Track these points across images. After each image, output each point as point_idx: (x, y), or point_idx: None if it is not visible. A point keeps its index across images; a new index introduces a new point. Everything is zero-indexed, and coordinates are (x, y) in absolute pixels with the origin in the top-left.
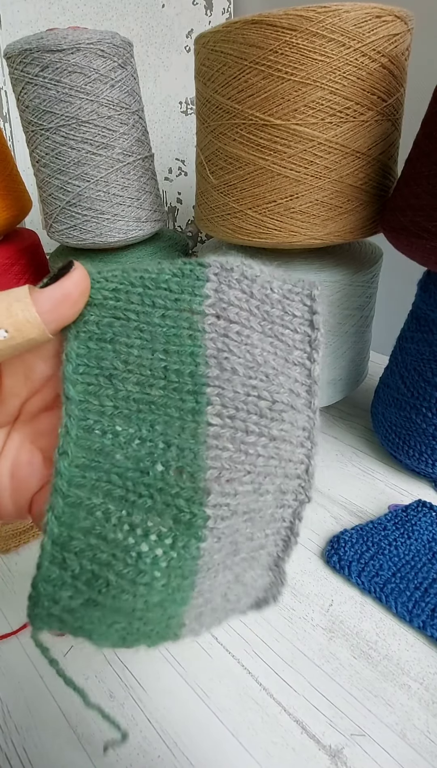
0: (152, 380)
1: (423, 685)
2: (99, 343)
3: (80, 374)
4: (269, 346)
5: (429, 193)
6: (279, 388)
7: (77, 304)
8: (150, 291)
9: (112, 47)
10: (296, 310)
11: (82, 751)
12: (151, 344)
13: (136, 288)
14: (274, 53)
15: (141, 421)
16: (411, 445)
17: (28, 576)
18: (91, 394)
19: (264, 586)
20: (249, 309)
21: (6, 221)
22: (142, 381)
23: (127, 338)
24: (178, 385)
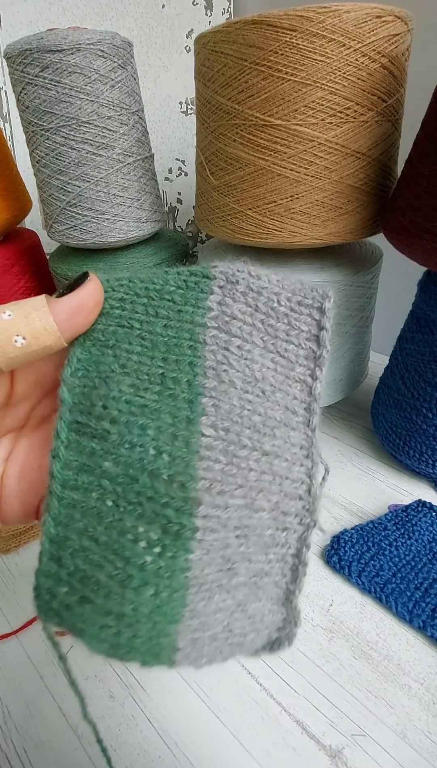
0: (148, 384)
1: (423, 686)
2: (101, 348)
3: (78, 378)
4: (270, 362)
5: (429, 194)
6: (275, 404)
7: (92, 314)
8: (154, 302)
9: (112, 48)
10: (303, 324)
11: (82, 751)
12: (151, 351)
13: (140, 298)
14: (274, 54)
15: (132, 425)
16: (411, 446)
17: (28, 576)
18: (84, 396)
19: (276, 623)
20: (253, 323)
21: (6, 221)
22: (136, 384)
23: (128, 344)
24: (173, 391)
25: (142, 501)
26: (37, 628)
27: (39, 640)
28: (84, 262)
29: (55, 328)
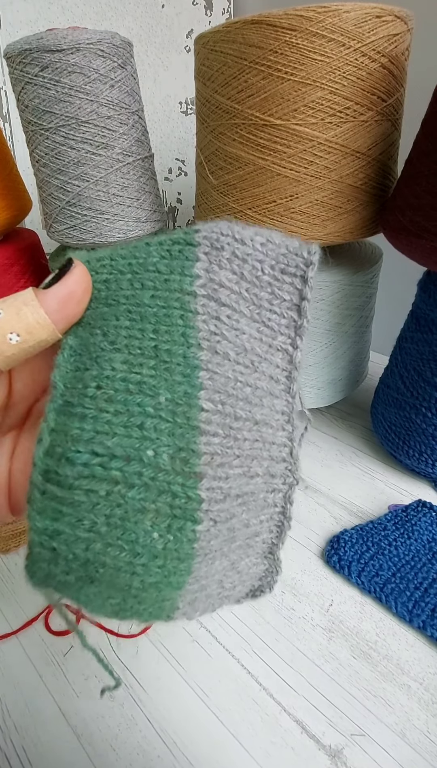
0: (142, 359)
1: (423, 685)
2: (90, 330)
3: (70, 362)
4: (256, 332)
5: (429, 193)
6: (261, 375)
7: (82, 301)
8: (139, 275)
9: (112, 47)
10: (285, 293)
11: (82, 751)
12: (141, 324)
13: (125, 275)
14: (274, 53)
15: (130, 403)
16: (411, 445)
17: None
18: (77, 379)
19: (259, 574)
20: (240, 292)
21: (6, 221)
22: (130, 360)
23: (116, 321)
24: (169, 365)
25: (145, 481)
26: (37, 628)
27: (39, 640)
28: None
29: (48, 321)
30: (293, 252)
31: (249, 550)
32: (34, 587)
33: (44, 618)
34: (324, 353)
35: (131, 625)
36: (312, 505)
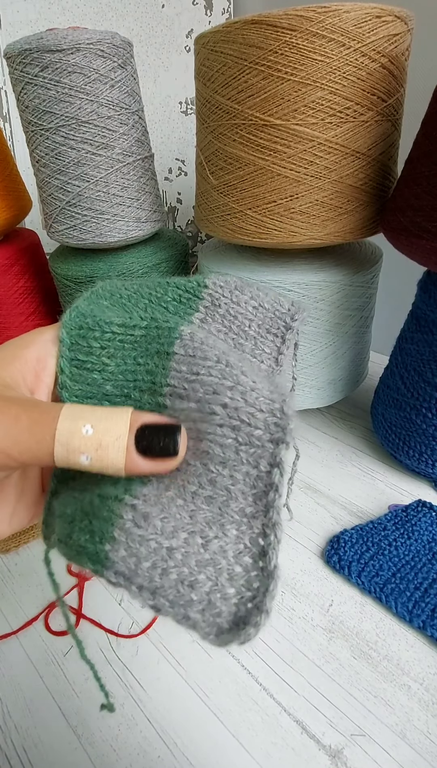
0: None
1: (423, 686)
2: (99, 305)
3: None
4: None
5: (429, 194)
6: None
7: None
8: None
9: (112, 47)
10: (266, 347)
11: (82, 751)
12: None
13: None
14: (274, 53)
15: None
16: (411, 446)
17: (28, 576)
18: (82, 337)
19: (245, 591)
20: (225, 341)
21: (6, 221)
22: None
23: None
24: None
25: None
26: (37, 628)
27: (39, 640)
28: (84, 262)
29: (123, 470)
30: (279, 317)
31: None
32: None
33: (44, 618)
34: (324, 353)
35: (131, 625)
36: (312, 505)
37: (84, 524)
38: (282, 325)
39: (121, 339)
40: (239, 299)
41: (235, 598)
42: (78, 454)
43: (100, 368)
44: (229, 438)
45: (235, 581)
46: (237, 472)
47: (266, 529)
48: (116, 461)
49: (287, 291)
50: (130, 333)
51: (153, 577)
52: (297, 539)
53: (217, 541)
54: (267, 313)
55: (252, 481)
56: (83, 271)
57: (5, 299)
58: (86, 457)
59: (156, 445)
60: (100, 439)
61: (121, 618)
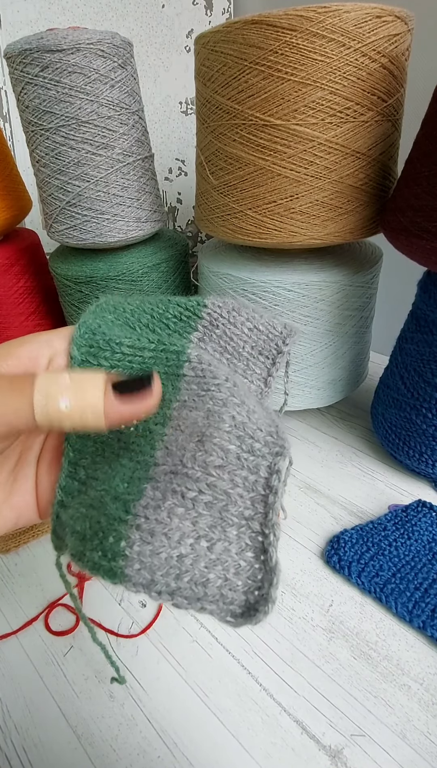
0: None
1: (423, 686)
2: (107, 324)
3: (85, 339)
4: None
5: (429, 194)
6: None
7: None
8: (154, 320)
9: (112, 47)
10: (257, 368)
11: (82, 751)
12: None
13: (145, 314)
14: (274, 53)
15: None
16: (411, 446)
17: (28, 576)
18: (92, 355)
19: (252, 582)
20: (220, 359)
21: (6, 221)
22: (136, 344)
23: (130, 328)
24: (165, 355)
25: (139, 425)
26: (37, 628)
27: (39, 640)
28: (84, 262)
29: (102, 415)
30: (271, 339)
31: (227, 529)
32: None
33: (44, 618)
34: (324, 353)
35: (131, 625)
36: (312, 505)
37: (95, 543)
38: (274, 347)
39: (130, 359)
40: (236, 320)
41: (244, 588)
42: (56, 400)
43: None
44: (233, 444)
45: (242, 574)
46: (237, 476)
47: (265, 529)
48: (94, 403)
49: (287, 291)
50: (139, 354)
51: (169, 583)
52: (297, 539)
53: (220, 543)
54: (261, 335)
55: (250, 485)
56: (83, 271)
57: (5, 299)
58: (65, 403)
59: (132, 383)
60: (78, 384)
61: (121, 618)
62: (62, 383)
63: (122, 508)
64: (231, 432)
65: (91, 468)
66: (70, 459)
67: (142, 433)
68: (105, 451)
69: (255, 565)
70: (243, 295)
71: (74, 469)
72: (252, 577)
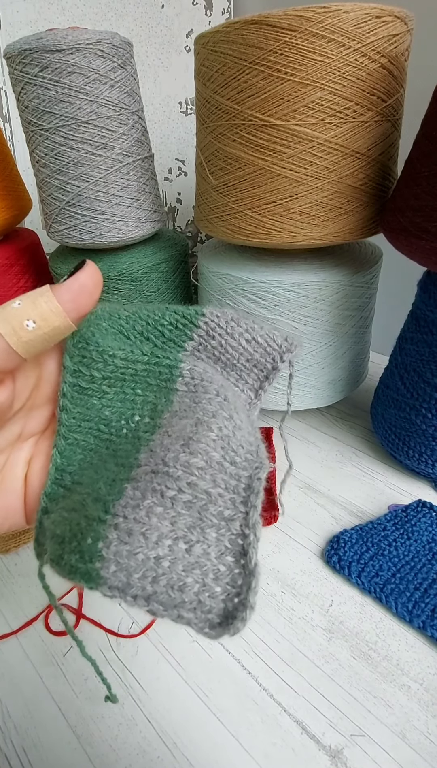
0: (139, 357)
1: (423, 686)
2: (101, 333)
3: (78, 349)
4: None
5: (429, 194)
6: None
7: (93, 294)
8: (149, 327)
9: (112, 47)
10: (249, 379)
11: (82, 752)
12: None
13: (141, 321)
14: (274, 54)
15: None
16: (411, 446)
17: (28, 576)
18: (85, 365)
19: (230, 588)
20: (213, 368)
21: (6, 221)
22: (129, 357)
23: (125, 338)
24: (157, 368)
25: (129, 433)
26: (37, 628)
27: (39, 640)
28: None
29: (61, 309)
30: (269, 353)
31: (206, 530)
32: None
33: (44, 618)
34: (324, 353)
35: (131, 625)
36: (312, 505)
37: (73, 545)
38: (270, 362)
39: (122, 372)
40: (233, 331)
41: (222, 596)
42: (21, 324)
43: (99, 395)
44: (217, 452)
45: (221, 580)
46: (218, 478)
47: (245, 530)
48: (50, 305)
49: (287, 291)
50: (131, 366)
51: (145, 586)
52: (297, 539)
53: (199, 545)
54: (259, 348)
55: (232, 487)
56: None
57: (5, 299)
58: (29, 322)
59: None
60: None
61: (121, 618)
62: (17, 309)
63: (102, 509)
64: (216, 441)
65: (78, 474)
66: (57, 465)
67: (131, 440)
68: (93, 459)
69: (235, 569)
70: (243, 295)
71: (60, 475)
72: (232, 582)
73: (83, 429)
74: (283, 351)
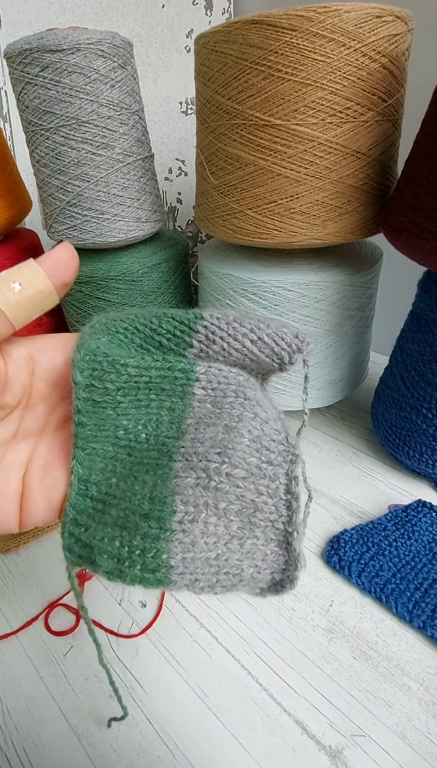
0: (150, 363)
1: (423, 686)
2: (107, 346)
3: (87, 362)
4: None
5: (429, 193)
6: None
7: (70, 264)
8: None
9: (112, 47)
10: (257, 376)
11: (82, 751)
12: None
13: (139, 333)
14: (274, 53)
15: (140, 394)
16: (411, 446)
17: (28, 576)
18: (96, 378)
19: (277, 565)
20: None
21: (6, 221)
22: (141, 364)
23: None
24: (171, 373)
25: (150, 438)
26: (37, 628)
27: (39, 640)
28: (84, 261)
29: (43, 273)
30: (276, 353)
31: (255, 530)
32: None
33: (44, 618)
34: (324, 353)
35: (131, 625)
36: (312, 505)
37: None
38: (277, 362)
39: (136, 380)
40: (236, 332)
41: (270, 570)
42: (9, 286)
43: (114, 405)
44: (254, 456)
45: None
46: (260, 485)
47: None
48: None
49: (287, 291)
50: (145, 374)
51: (210, 579)
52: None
53: (250, 540)
54: (266, 348)
55: (273, 492)
56: (83, 271)
57: None
58: (15, 285)
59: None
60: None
61: (121, 618)
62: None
63: (157, 526)
64: (250, 446)
65: (105, 484)
66: (80, 476)
67: (155, 446)
68: (116, 467)
69: (280, 553)
70: (244, 295)
71: (85, 486)
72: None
73: (100, 438)
74: (293, 350)
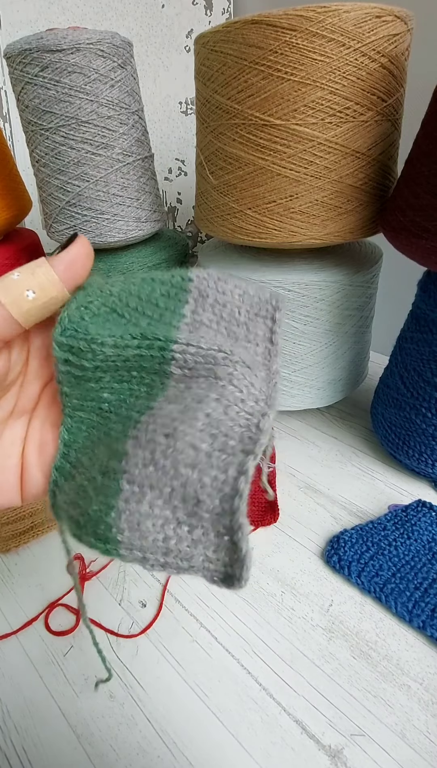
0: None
1: (422, 686)
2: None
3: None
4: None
5: (429, 193)
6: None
7: (86, 265)
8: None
9: (112, 47)
10: (258, 329)
11: (82, 751)
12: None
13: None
14: (274, 53)
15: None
16: (411, 446)
17: (28, 576)
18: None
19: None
20: (218, 329)
21: (6, 221)
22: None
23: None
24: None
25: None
26: (37, 628)
27: (39, 640)
28: None
29: (58, 279)
30: (264, 301)
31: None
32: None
33: (44, 618)
34: (324, 353)
35: (131, 625)
36: (312, 505)
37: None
38: (270, 307)
39: (113, 360)
40: (224, 288)
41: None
42: (22, 295)
43: (95, 380)
44: (205, 443)
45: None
46: (206, 475)
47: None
48: (47, 275)
49: (287, 291)
50: (122, 353)
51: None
52: (297, 539)
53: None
54: (253, 298)
55: (219, 485)
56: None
57: None
58: (29, 292)
59: (62, 247)
60: (27, 272)
61: (121, 618)
62: (17, 280)
63: (104, 502)
64: (204, 430)
65: (81, 451)
66: (65, 441)
67: (122, 420)
68: (93, 436)
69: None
70: None
71: (67, 451)
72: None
73: (86, 407)
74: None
